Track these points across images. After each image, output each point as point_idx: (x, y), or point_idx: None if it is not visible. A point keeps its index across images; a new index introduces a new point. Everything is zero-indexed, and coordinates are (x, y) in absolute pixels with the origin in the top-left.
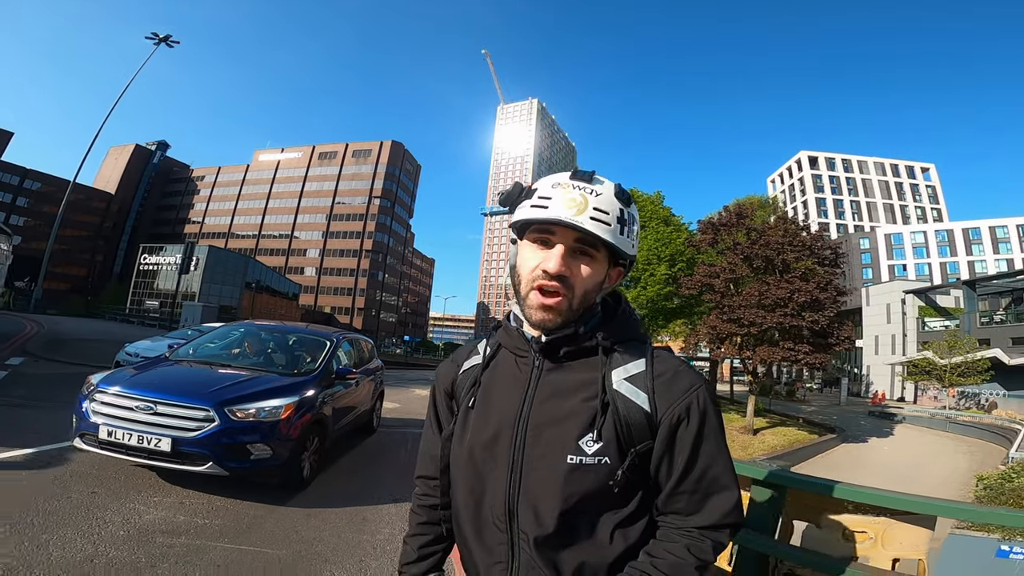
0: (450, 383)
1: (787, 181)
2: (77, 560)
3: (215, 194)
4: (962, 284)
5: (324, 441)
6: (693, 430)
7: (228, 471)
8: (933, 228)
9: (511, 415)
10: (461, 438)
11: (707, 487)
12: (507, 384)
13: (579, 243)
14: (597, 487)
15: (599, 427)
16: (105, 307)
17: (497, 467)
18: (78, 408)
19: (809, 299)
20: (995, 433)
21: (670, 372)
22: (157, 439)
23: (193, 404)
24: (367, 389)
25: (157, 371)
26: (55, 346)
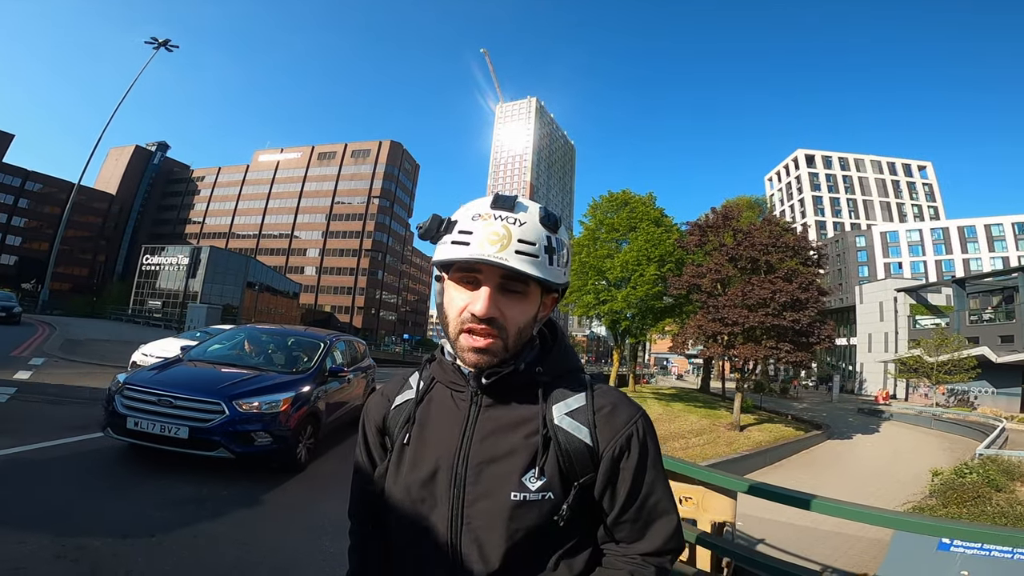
0: (381, 418)
1: (784, 179)
2: (133, 520)
3: (215, 194)
4: (952, 282)
5: (318, 432)
6: (634, 461)
7: (235, 455)
8: (929, 226)
9: (450, 452)
10: (396, 476)
11: (648, 514)
12: (444, 420)
13: (506, 279)
14: (542, 522)
15: (541, 463)
16: (109, 307)
17: (437, 505)
18: (107, 402)
19: (790, 299)
20: (976, 430)
21: (609, 405)
22: (176, 428)
23: (206, 398)
24: (359, 386)
25: (174, 370)
26: (71, 347)
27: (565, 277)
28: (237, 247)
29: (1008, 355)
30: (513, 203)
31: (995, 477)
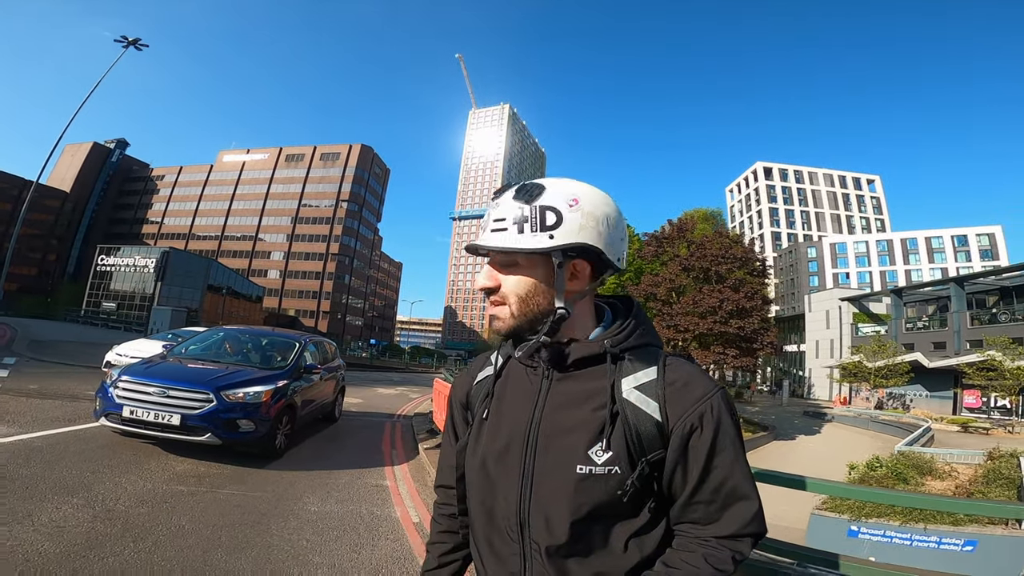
0: (465, 394)
1: (744, 191)
2: (146, 490)
3: (176, 194)
4: (891, 292)
5: (294, 423)
6: (707, 439)
7: (222, 440)
8: (874, 238)
9: (522, 425)
10: (474, 449)
11: (725, 497)
12: (518, 395)
13: (498, 255)
14: (607, 497)
15: (608, 436)
16: (61, 308)
17: (508, 477)
18: (103, 394)
19: (736, 307)
20: (906, 430)
21: (682, 380)
22: (169, 415)
23: (196, 389)
24: (330, 384)
25: (164, 365)
26: (38, 348)
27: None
28: (197, 248)
29: (939, 360)
30: (504, 190)
31: (903, 471)
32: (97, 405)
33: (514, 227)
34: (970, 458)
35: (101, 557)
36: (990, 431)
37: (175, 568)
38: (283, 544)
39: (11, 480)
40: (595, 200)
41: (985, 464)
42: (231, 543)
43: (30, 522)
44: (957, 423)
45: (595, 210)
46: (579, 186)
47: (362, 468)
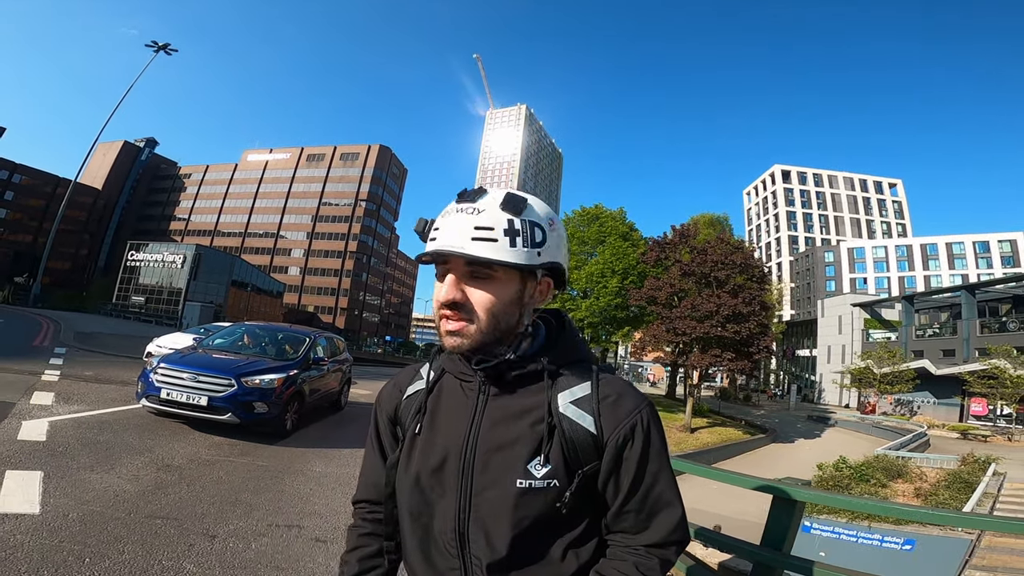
0: (393, 408)
1: (761, 194)
2: (192, 453)
3: (202, 192)
4: (902, 298)
5: (302, 407)
6: (638, 450)
7: (240, 419)
8: (894, 243)
9: (458, 441)
10: (407, 465)
11: (652, 505)
12: (453, 410)
13: (471, 266)
14: (547, 510)
15: (546, 451)
16: (93, 302)
17: (445, 493)
18: (144, 378)
19: (732, 312)
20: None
21: (615, 394)
22: (198, 397)
23: (221, 375)
24: (337, 376)
25: (195, 355)
26: (83, 339)
27: (540, 258)
28: (222, 245)
29: (947, 368)
30: (476, 195)
31: (868, 473)
32: (139, 388)
33: (506, 239)
34: (944, 463)
35: (167, 494)
36: (989, 438)
37: (216, 501)
38: (292, 491)
39: (94, 444)
40: (561, 223)
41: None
42: (255, 489)
43: (115, 472)
44: (958, 430)
45: (563, 232)
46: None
47: (361, 445)
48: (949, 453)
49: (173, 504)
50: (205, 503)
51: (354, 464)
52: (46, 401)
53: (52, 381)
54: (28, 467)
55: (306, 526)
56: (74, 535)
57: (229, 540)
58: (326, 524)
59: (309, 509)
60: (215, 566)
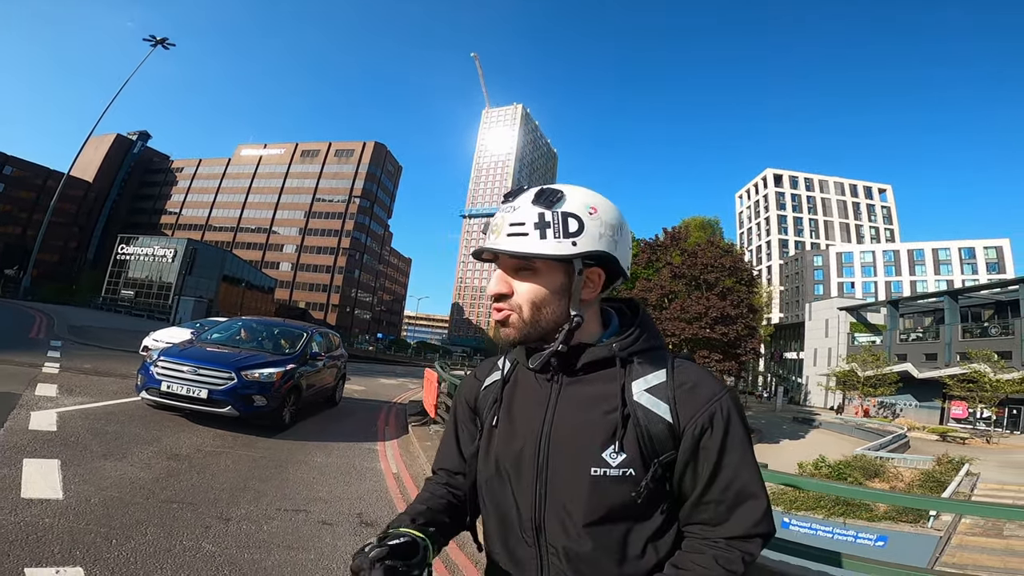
0: (473, 398)
1: (753, 197)
2: (199, 443)
3: (194, 186)
4: (887, 303)
5: (299, 401)
6: (717, 439)
7: (239, 412)
8: (881, 248)
9: (534, 430)
10: (486, 456)
11: (734, 497)
12: (528, 400)
13: (514, 260)
14: (622, 499)
15: (620, 438)
16: (83, 295)
17: (523, 482)
18: (145, 371)
19: (720, 314)
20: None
21: (692, 381)
22: (198, 390)
23: (221, 369)
24: (332, 371)
25: (194, 349)
26: (77, 332)
27: (576, 247)
28: (213, 239)
29: (929, 371)
30: (515, 194)
31: (846, 471)
32: (139, 381)
33: (535, 232)
34: (920, 464)
35: (179, 481)
36: (967, 441)
37: (226, 488)
38: (296, 479)
39: (103, 434)
40: (610, 210)
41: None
42: (261, 476)
43: (127, 460)
44: (937, 432)
45: (611, 219)
46: (594, 195)
47: (358, 439)
48: (929, 455)
49: (186, 490)
50: (216, 489)
51: (353, 454)
52: (51, 392)
53: (53, 373)
54: (44, 455)
55: (312, 511)
56: (99, 518)
57: (242, 523)
58: (331, 509)
59: (314, 495)
60: (232, 546)
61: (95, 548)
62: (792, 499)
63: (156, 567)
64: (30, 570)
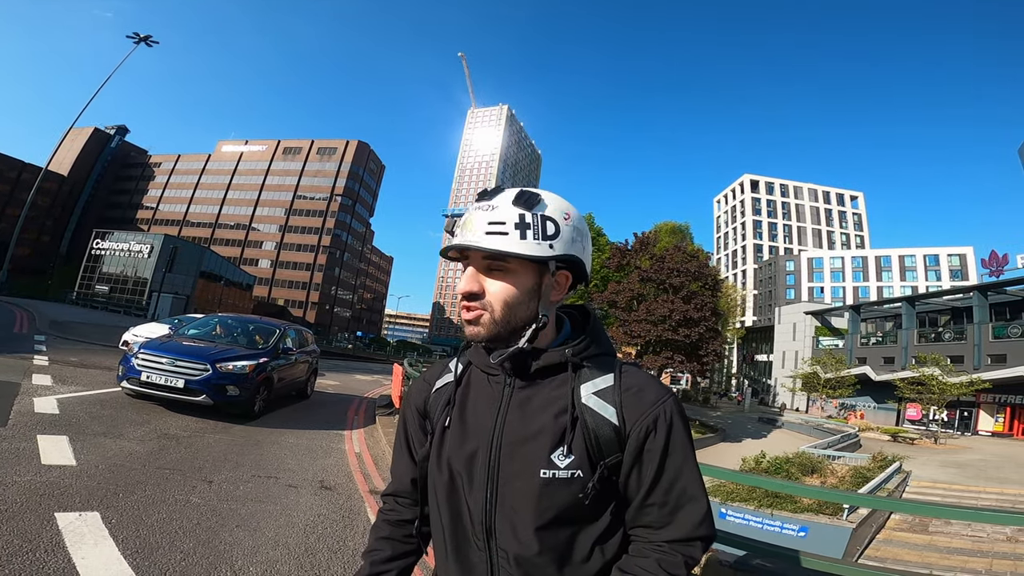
0: (422, 402)
1: (731, 202)
2: (183, 425)
3: (172, 181)
4: (849, 308)
5: (270, 393)
6: (661, 442)
7: (213, 401)
8: (850, 255)
9: (486, 433)
10: (438, 458)
11: (676, 499)
12: (480, 402)
13: (488, 259)
14: (570, 500)
15: (569, 441)
16: (57, 290)
17: (474, 485)
18: (126, 362)
19: (684, 317)
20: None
21: (637, 386)
22: (175, 380)
23: (197, 360)
24: (304, 365)
25: (172, 343)
26: (59, 328)
27: (553, 250)
28: (190, 235)
29: (885, 374)
30: (492, 192)
31: (786, 467)
32: (120, 372)
33: (516, 232)
34: (857, 461)
35: (169, 453)
36: (916, 441)
37: (209, 459)
38: (269, 455)
39: (100, 416)
40: (579, 218)
41: (863, 465)
42: (239, 452)
43: (124, 438)
44: (889, 433)
45: (581, 226)
46: (567, 203)
47: (328, 427)
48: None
49: (176, 460)
50: (200, 460)
51: (321, 438)
52: (46, 382)
53: (44, 365)
54: (53, 433)
55: (281, 477)
56: (107, 479)
57: (223, 484)
58: (296, 476)
59: (283, 466)
60: (213, 499)
61: (106, 499)
62: (729, 491)
63: (154, 512)
64: (59, 514)
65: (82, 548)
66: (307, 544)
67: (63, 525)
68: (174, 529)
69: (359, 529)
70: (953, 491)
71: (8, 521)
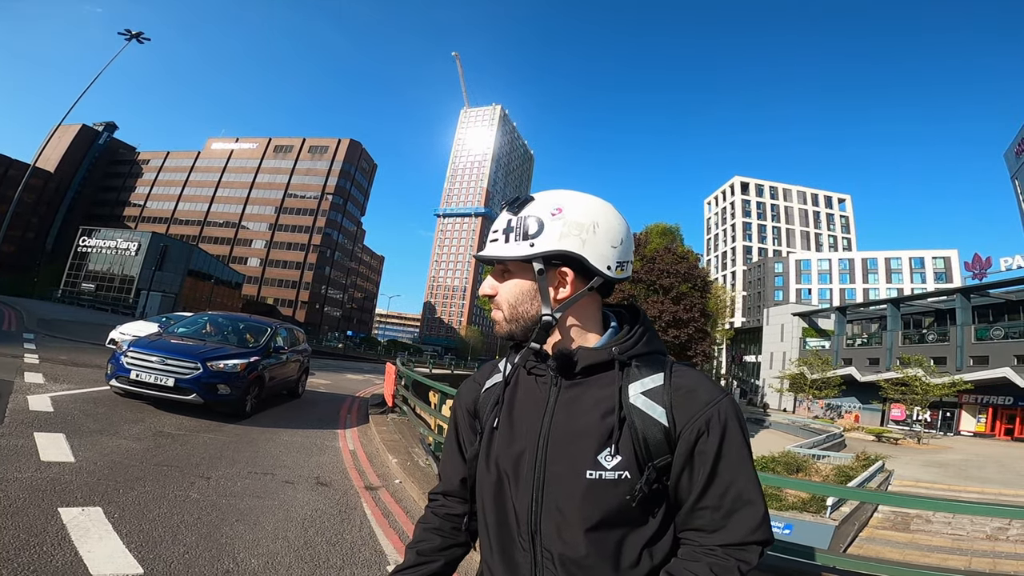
0: (472, 402)
1: (721, 204)
2: (178, 423)
3: (160, 179)
4: (835, 310)
5: (261, 392)
6: (714, 444)
7: (204, 400)
8: (838, 257)
9: (533, 433)
10: (487, 458)
11: (730, 503)
12: (528, 402)
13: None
14: (617, 503)
15: (616, 441)
16: (42, 288)
17: (520, 485)
18: (115, 361)
19: (673, 318)
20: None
21: (689, 385)
22: (165, 378)
23: (188, 359)
24: (295, 364)
25: (162, 341)
26: (47, 326)
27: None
28: (178, 233)
29: (870, 375)
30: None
31: (771, 466)
32: (109, 370)
33: (503, 237)
34: (841, 460)
35: (166, 450)
36: (899, 441)
37: (206, 456)
38: (264, 452)
39: (94, 414)
40: (583, 209)
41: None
42: (234, 449)
43: (120, 435)
44: (874, 433)
45: (580, 218)
46: (569, 196)
47: (321, 425)
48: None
49: (173, 457)
50: (197, 457)
51: (315, 437)
52: (39, 380)
53: (34, 363)
54: (50, 430)
55: (277, 474)
56: (106, 476)
57: (221, 480)
58: (292, 473)
59: (279, 463)
60: (212, 494)
61: (107, 494)
62: None
63: (155, 507)
64: (62, 509)
65: (87, 542)
66: (306, 537)
67: (67, 520)
68: (175, 523)
69: (355, 523)
70: (934, 490)
71: (13, 516)
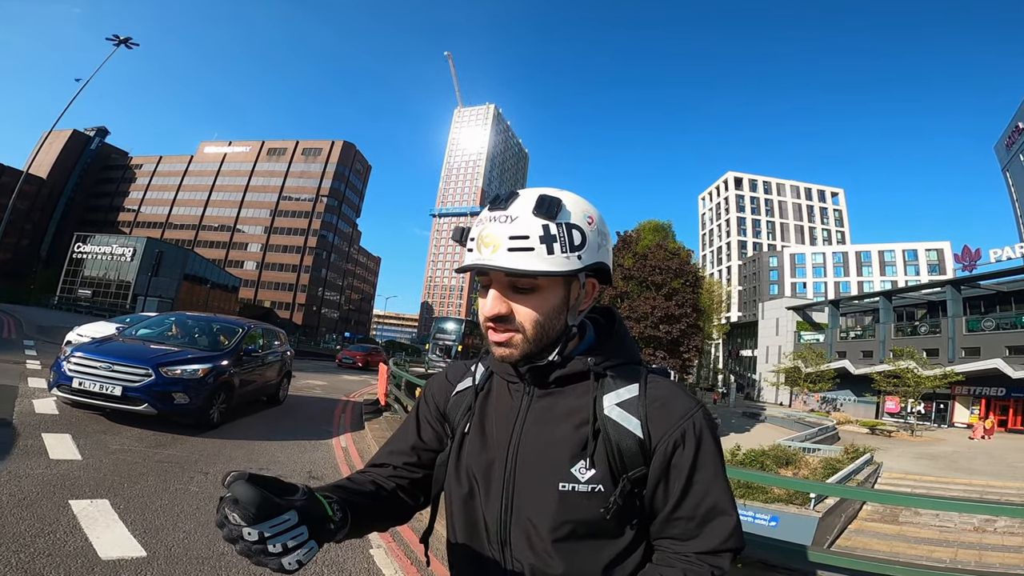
0: (443, 401)
1: (715, 199)
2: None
3: (154, 183)
4: (829, 303)
5: (231, 399)
6: (689, 457)
7: (157, 411)
8: (832, 250)
9: (504, 442)
10: (456, 465)
11: (705, 514)
12: (500, 411)
13: (513, 277)
14: (591, 515)
15: (590, 454)
16: (38, 295)
17: (490, 494)
18: (57, 367)
19: (665, 314)
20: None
21: (664, 397)
22: (111, 386)
23: (137, 365)
24: (274, 368)
25: (112, 344)
26: (45, 332)
27: (581, 261)
28: (173, 238)
29: (864, 368)
30: (507, 200)
31: (761, 459)
32: (51, 377)
33: (542, 247)
34: (830, 453)
35: (165, 449)
36: (893, 434)
37: (204, 455)
38: (260, 450)
39: (96, 417)
40: (601, 218)
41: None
42: (232, 448)
43: (122, 436)
44: (868, 425)
45: (603, 228)
46: (586, 202)
47: (315, 427)
48: (858, 446)
49: (173, 455)
50: (196, 455)
51: (312, 436)
52: (42, 385)
53: (37, 369)
54: (56, 431)
55: (272, 469)
56: (112, 471)
57: (218, 475)
58: (286, 468)
59: (274, 460)
60: (210, 488)
61: (113, 488)
62: None
63: (157, 499)
64: (72, 501)
65: (96, 529)
66: None
67: (77, 511)
68: (176, 513)
69: None
70: (924, 482)
71: (28, 508)
